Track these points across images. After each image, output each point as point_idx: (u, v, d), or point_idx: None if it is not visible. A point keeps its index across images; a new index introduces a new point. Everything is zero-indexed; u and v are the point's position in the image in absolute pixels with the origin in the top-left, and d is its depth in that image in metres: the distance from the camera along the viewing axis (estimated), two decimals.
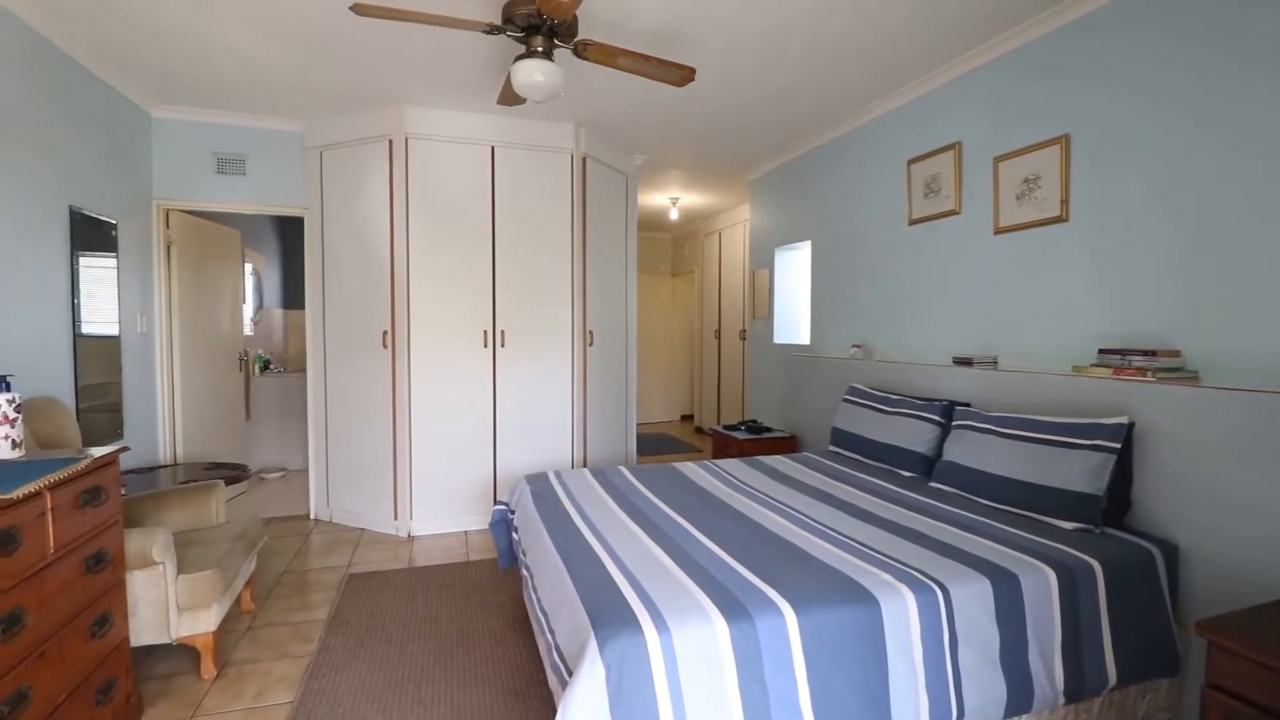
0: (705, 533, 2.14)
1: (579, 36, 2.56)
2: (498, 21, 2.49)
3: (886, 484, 2.78)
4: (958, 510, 2.36)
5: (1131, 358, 2.22)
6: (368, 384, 3.92)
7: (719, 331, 7.18)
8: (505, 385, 4.02)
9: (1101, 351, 2.36)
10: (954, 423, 2.79)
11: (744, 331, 6.27)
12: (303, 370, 5.45)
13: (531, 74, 2.39)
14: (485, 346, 3.96)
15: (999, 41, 2.86)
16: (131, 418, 3.52)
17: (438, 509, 3.91)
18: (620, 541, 2.06)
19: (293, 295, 6.26)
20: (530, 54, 2.41)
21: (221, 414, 4.51)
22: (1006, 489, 2.36)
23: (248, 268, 5.55)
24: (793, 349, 4.74)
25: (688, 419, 8.60)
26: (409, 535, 3.84)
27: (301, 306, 4.57)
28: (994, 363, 2.91)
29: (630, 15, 2.65)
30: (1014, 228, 2.82)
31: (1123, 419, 2.16)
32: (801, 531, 2.15)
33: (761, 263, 5.27)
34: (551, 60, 2.42)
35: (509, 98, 2.85)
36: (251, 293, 5.72)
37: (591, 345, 4.30)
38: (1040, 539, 2.04)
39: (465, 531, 3.93)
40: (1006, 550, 1.94)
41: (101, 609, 1.84)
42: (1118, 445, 2.12)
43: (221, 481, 2.87)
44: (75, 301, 2.97)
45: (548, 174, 4.06)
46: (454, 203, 3.87)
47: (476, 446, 3.98)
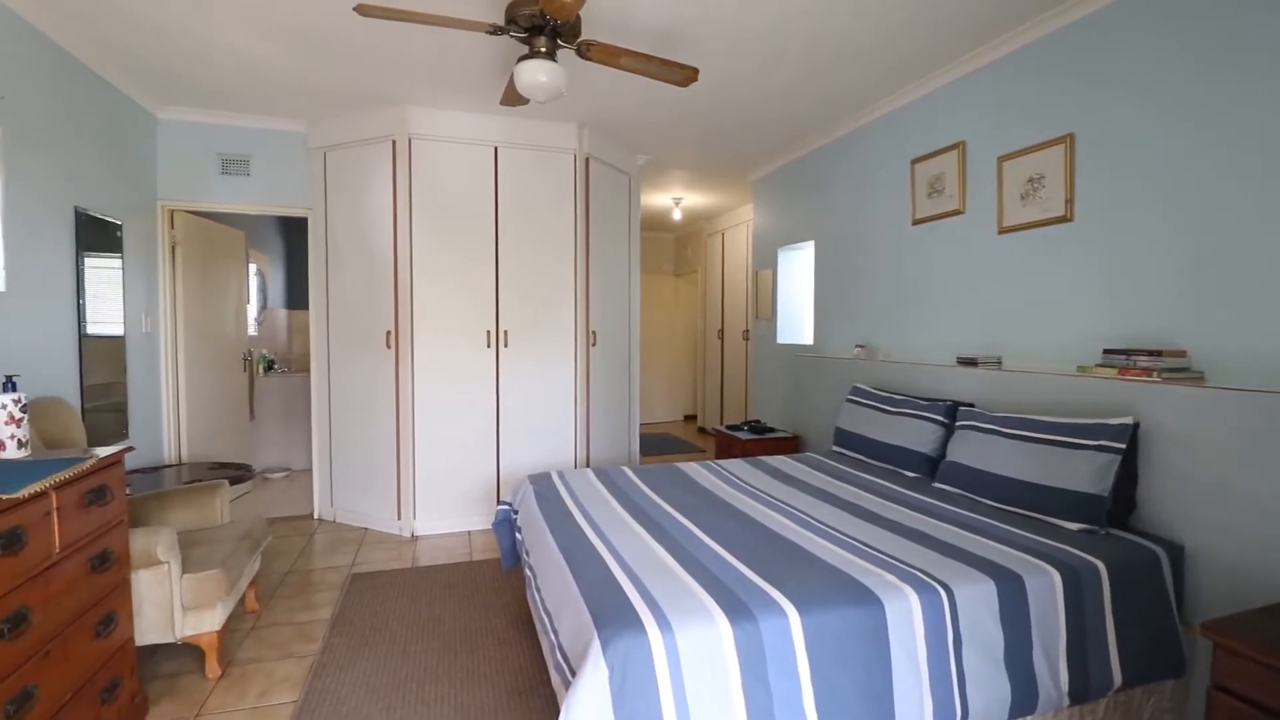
0: (708, 533, 2.14)
1: (582, 37, 2.56)
2: (501, 22, 2.49)
3: (890, 484, 2.77)
4: (961, 511, 2.36)
5: (1137, 358, 2.21)
6: (371, 384, 3.93)
7: (722, 332, 7.18)
8: (508, 385, 4.02)
9: (1106, 352, 2.35)
10: (958, 423, 2.78)
11: (747, 332, 6.27)
12: (307, 370, 5.47)
13: (535, 74, 2.39)
14: (488, 346, 3.97)
15: (1002, 41, 2.85)
16: (136, 418, 3.53)
17: (441, 509, 3.92)
18: (623, 542, 2.06)
19: (297, 295, 6.27)
20: (533, 54, 2.41)
21: (226, 414, 4.52)
22: (1011, 489, 2.35)
23: (252, 268, 5.57)
24: (796, 349, 4.73)
25: (691, 419, 8.60)
26: (412, 535, 3.85)
27: (305, 307, 4.58)
28: (998, 363, 2.90)
29: (633, 15, 2.65)
30: (1018, 227, 2.82)
31: (1128, 419, 2.15)
32: (805, 532, 2.15)
33: (765, 263, 5.26)
34: (554, 61, 2.43)
35: (512, 98, 2.85)
36: (256, 293, 5.74)
37: (594, 345, 4.31)
38: (1045, 540, 2.03)
39: (469, 531, 3.93)
40: (1011, 551, 1.94)
41: (106, 608, 1.85)
42: (1123, 446, 2.11)
43: (226, 481, 2.88)
44: (81, 302, 2.98)
45: (551, 174, 4.06)
46: (457, 203, 3.87)
47: (480, 446, 3.98)
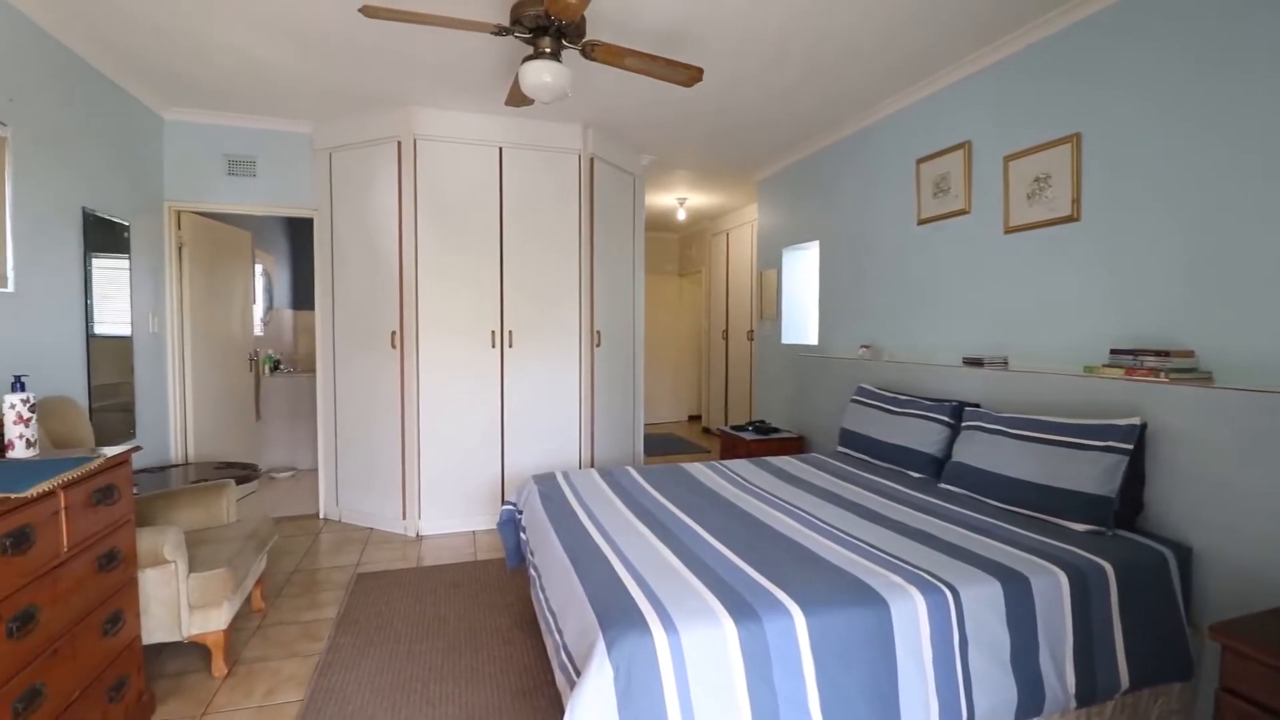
0: (713, 533, 2.14)
1: (587, 37, 2.57)
2: (506, 23, 2.50)
3: (895, 485, 2.76)
4: (967, 512, 2.35)
5: (1144, 358, 2.20)
6: (376, 384, 3.94)
7: (726, 332, 7.17)
8: (513, 385, 4.03)
9: (1113, 352, 2.34)
10: (963, 423, 2.77)
11: (751, 332, 6.26)
12: (312, 370, 5.48)
13: (540, 75, 2.40)
14: (493, 347, 3.97)
15: (1005, 42, 2.84)
16: (143, 417, 3.55)
17: (446, 509, 3.92)
18: (628, 542, 2.06)
19: (302, 296, 6.30)
20: (538, 55, 2.41)
21: (232, 414, 4.54)
22: (1017, 490, 2.34)
23: (258, 269, 5.59)
24: (800, 349, 4.72)
25: (695, 419, 8.59)
26: (417, 535, 3.85)
27: (311, 307, 4.59)
28: (1004, 363, 2.89)
29: (637, 16, 2.65)
30: (1024, 227, 2.80)
31: (1135, 420, 2.14)
32: (810, 532, 2.14)
33: (769, 263, 5.25)
34: (559, 61, 2.43)
35: (517, 99, 2.86)
36: (262, 293, 5.76)
37: (599, 345, 4.31)
38: (1051, 541, 2.02)
39: (473, 531, 3.94)
40: (1017, 552, 1.93)
41: (114, 607, 1.85)
42: (1130, 446, 2.10)
43: (232, 481, 2.89)
44: (88, 302, 3.00)
45: (556, 175, 4.06)
46: (462, 204, 3.88)
47: (484, 446, 3.99)
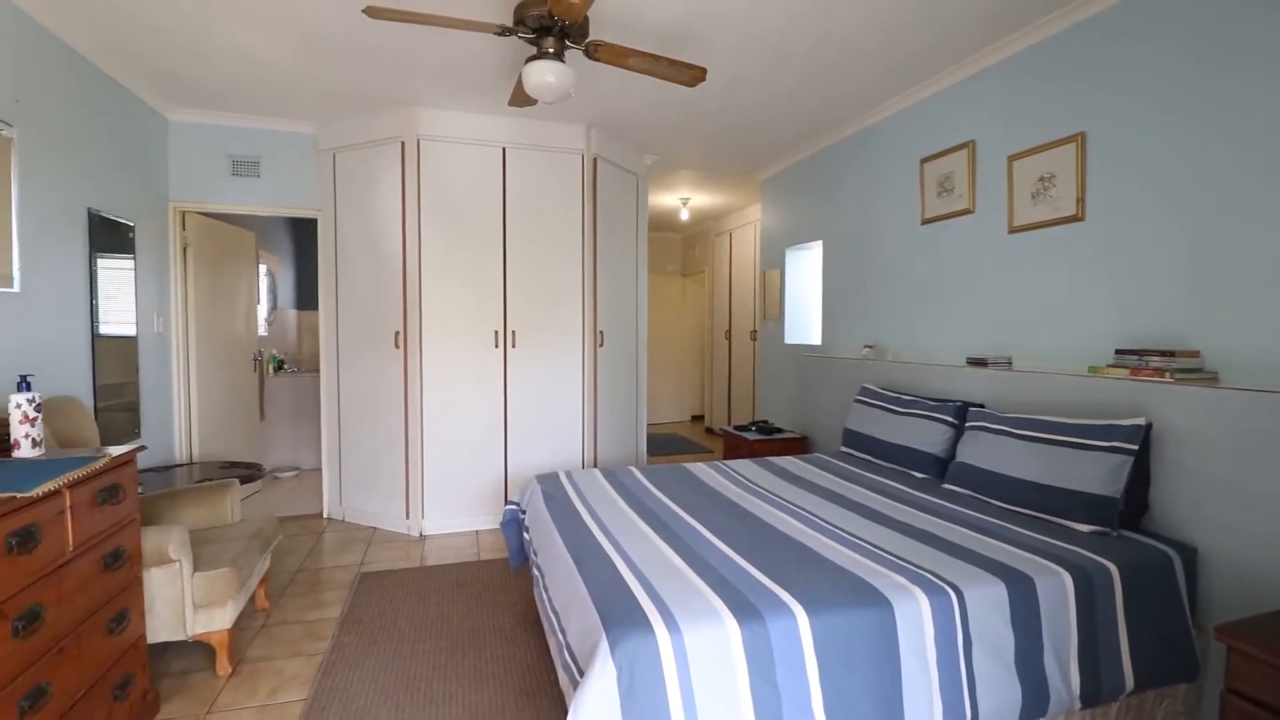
0: (716, 533, 2.14)
1: (590, 37, 2.57)
2: (509, 23, 2.50)
3: (899, 485, 2.76)
4: (971, 512, 2.34)
5: (1149, 358, 2.19)
6: (380, 384, 3.95)
7: (729, 332, 7.17)
8: (516, 385, 4.03)
9: (1118, 352, 2.33)
10: (967, 424, 2.77)
11: (755, 332, 6.25)
12: (316, 370, 5.49)
13: (543, 75, 2.40)
14: (496, 347, 3.98)
15: (1008, 42, 2.84)
16: (148, 417, 3.57)
17: (449, 508, 3.93)
18: (631, 542, 2.06)
19: (306, 296, 6.31)
20: (541, 55, 2.41)
21: (236, 414, 4.56)
22: (1021, 491, 2.33)
23: (262, 269, 5.61)
24: (804, 349, 4.72)
25: (698, 419, 8.59)
26: (420, 534, 3.86)
27: (315, 307, 4.60)
28: (1008, 363, 2.88)
29: (640, 16, 2.65)
30: (1029, 227, 2.80)
31: (1140, 420, 2.13)
32: (813, 533, 2.14)
33: (772, 263, 5.25)
34: (563, 61, 2.43)
35: (520, 99, 2.86)
36: (266, 293, 5.78)
37: (602, 345, 4.31)
38: (1056, 541, 2.02)
39: (476, 531, 3.94)
40: (1021, 553, 1.92)
41: (119, 606, 1.86)
42: (1135, 447, 2.09)
43: (236, 480, 2.90)
44: (94, 302, 3.01)
45: (559, 175, 4.07)
46: (465, 204, 3.88)
47: (487, 446, 3.99)
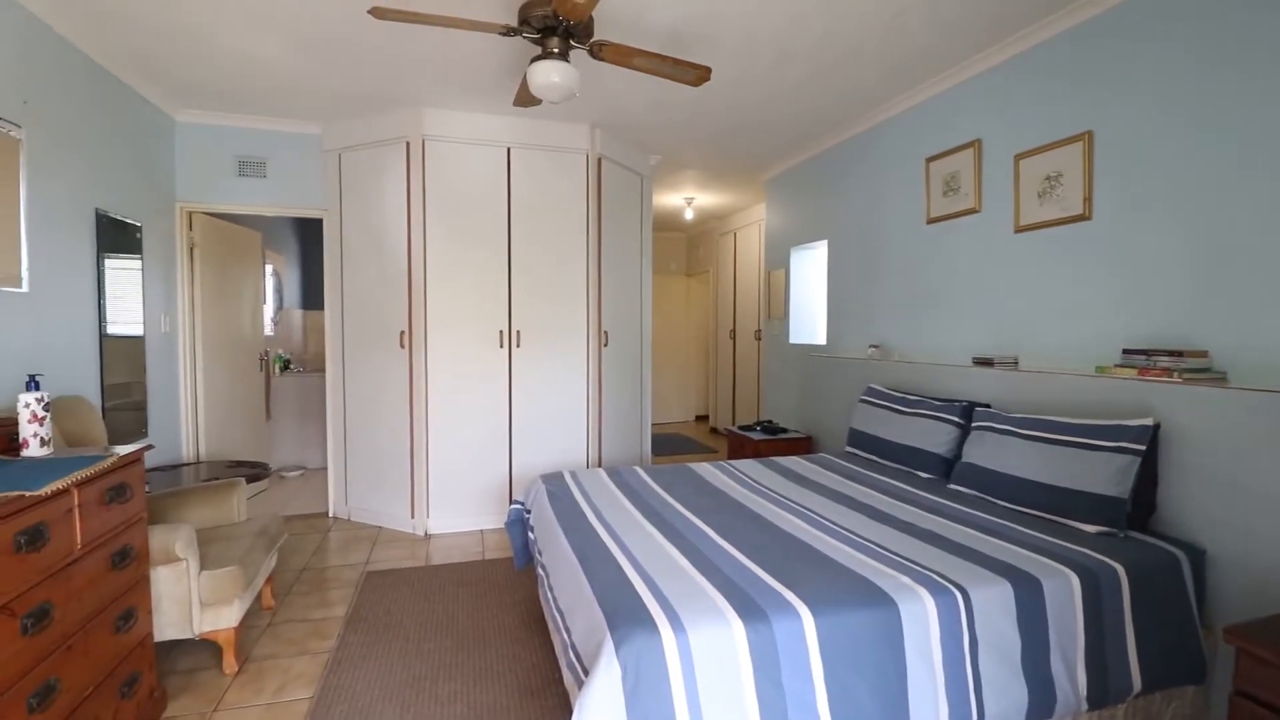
0: (721, 534, 2.14)
1: (594, 37, 2.57)
2: (514, 23, 2.50)
3: (904, 485, 2.75)
4: (977, 512, 2.33)
5: (1157, 358, 2.18)
6: (385, 384, 3.96)
7: (734, 332, 7.16)
8: (521, 385, 4.04)
9: (1126, 352, 2.32)
10: (973, 424, 2.75)
11: (759, 332, 6.24)
12: (322, 370, 5.52)
13: (548, 75, 2.40)
14: (501, 346, 3.98)
15: (1012, 41, 2.83)
16: (155, 416, 3.58)
17: (454, 508, 3.94)
18: (636, 542, 2.06)
19: (312, 296, 6.34)
20: (546, 55, 2.42)
21: (242, 413, 4.57)
22: (1027, 491, 2.32)
23: (268, 269, 5.63)
24: (809, 349, 4.71)
25: (702, 419, 8.59)
26: (426, 534, 3.87)
27: (320, 307, 4.63)
28: (1015, 363, 2.87)
29: (644, 15, 2.64)
30: (1035, 226, 2.78)
31: (1148, 421, 2.12)
32: (818, 533, 2.14)
33: (777, 262, 5.24)
34: (567, 61, 2.43)
35: (525, 99, 2.86)
36: (272, 293, 5.81)
37: (606, 345, 4.31)
38: (1062, 542, 2.01)
39: (481, 530, 3.95)
40: (1027, 553, 1.91)
41: (126, 604, 1.87)
42: (1142, 447, 2.08)
43: (243, 479, 2.91)
44: (101, 302, 3.03)
45: (563, 175, 4.07)
46: (470, 204, 3.89)
47: (492, 446, 4.00)
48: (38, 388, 1.84)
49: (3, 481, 1.50)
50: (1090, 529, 2.11)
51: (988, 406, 2.85)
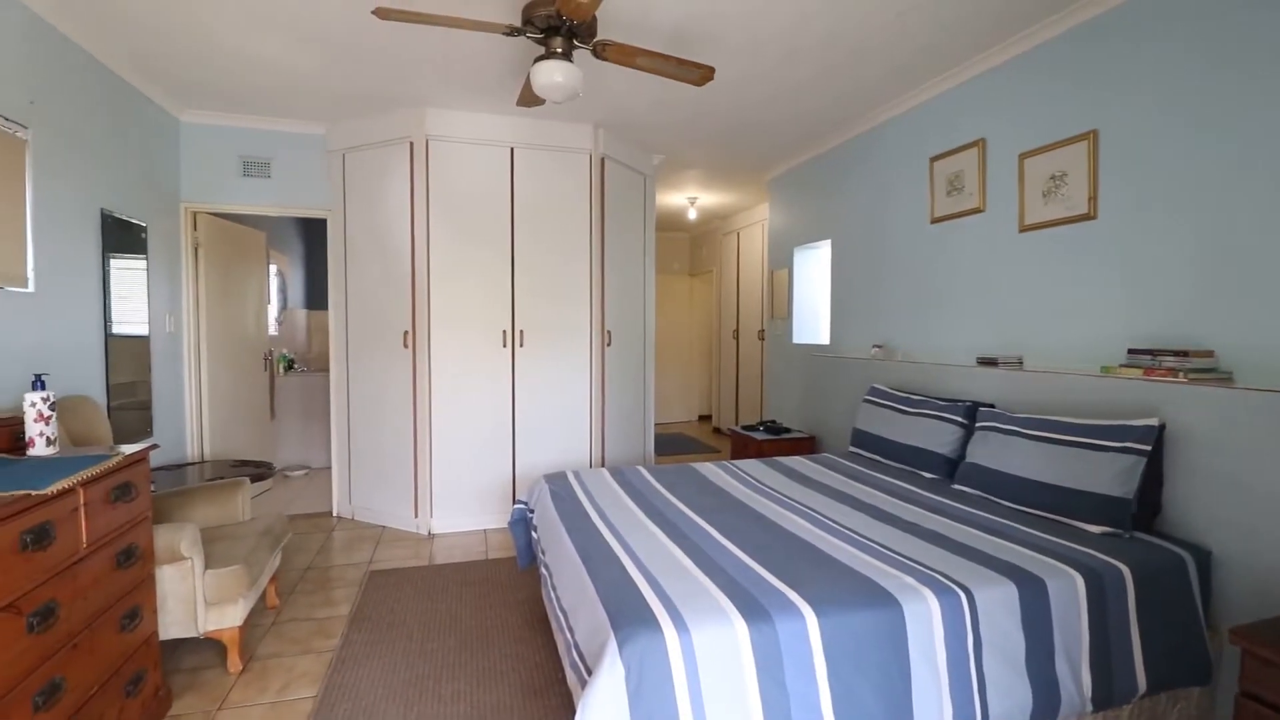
0: (724, 533, 2.13)
1: (598, 37, 2.57)
2: (517, 23, 2.51)
3: (908, 485, 2.74)
4: (981, 513, 2.33)
5: (1163, 358, 2.17)
6: (389, 383, 3.96)
7: (737, 331, 7.15)
8: (524, 385, 4.04)
9: (1131, 352, 2.31)
10: (977, 424, 2.75)
11: (762, 331, 6.24)
12: (326, 370, 5.53)
13: (551, 75, 2.40)
14: (504, 346, 3.99)
15: (1016, 40, 2.82)
16: (160, 416, 3.60)
17: (457, 507, 3.94)
18: (639, 541, 2.06)
19: (316, 296, 6.35)
20: (549, 55, 2.42)
21: (247, 412, 4.59)
22: (1032, 491, 2.32)
23: (272, 269, 5.65)
24: (812, 349, 4.70)
25: (705, 419, 8.58)
26: (429, 533, 3.88)
27: (325, 307, 4.64)
28: (1019, 363, 2.86)
29: (648, 15, 2.64)
30: (1040, 225, 2.77)
31: (1153, 421, 2.11)
32: (821, 533, 2.13)
33: (780, 262, 5.23)
34: (571, 61, 2.43)
35: (528, 99, 2.86)
36: (276, 293, 5.82)
37: (609, 345, 4.31)
38: (1067, 543, 2.00)
39: (484, 530, 3.95)
40: (1032, 554, 1.91)
41: (131, 603, 1.88)
42: (1148, 448, 2.07)
43: (247, 479, 2.92)
44: (107, 302, 3.04)
45: (567, 175, 4.07)
46: (474, 204, 3.90)
47: (495, 445, 4.01)
48: (43, 387, 1.85)
49: (9, 480, 1.51)
50: (1095, 530, 2.10)
51: (992, 406, 2.84)
